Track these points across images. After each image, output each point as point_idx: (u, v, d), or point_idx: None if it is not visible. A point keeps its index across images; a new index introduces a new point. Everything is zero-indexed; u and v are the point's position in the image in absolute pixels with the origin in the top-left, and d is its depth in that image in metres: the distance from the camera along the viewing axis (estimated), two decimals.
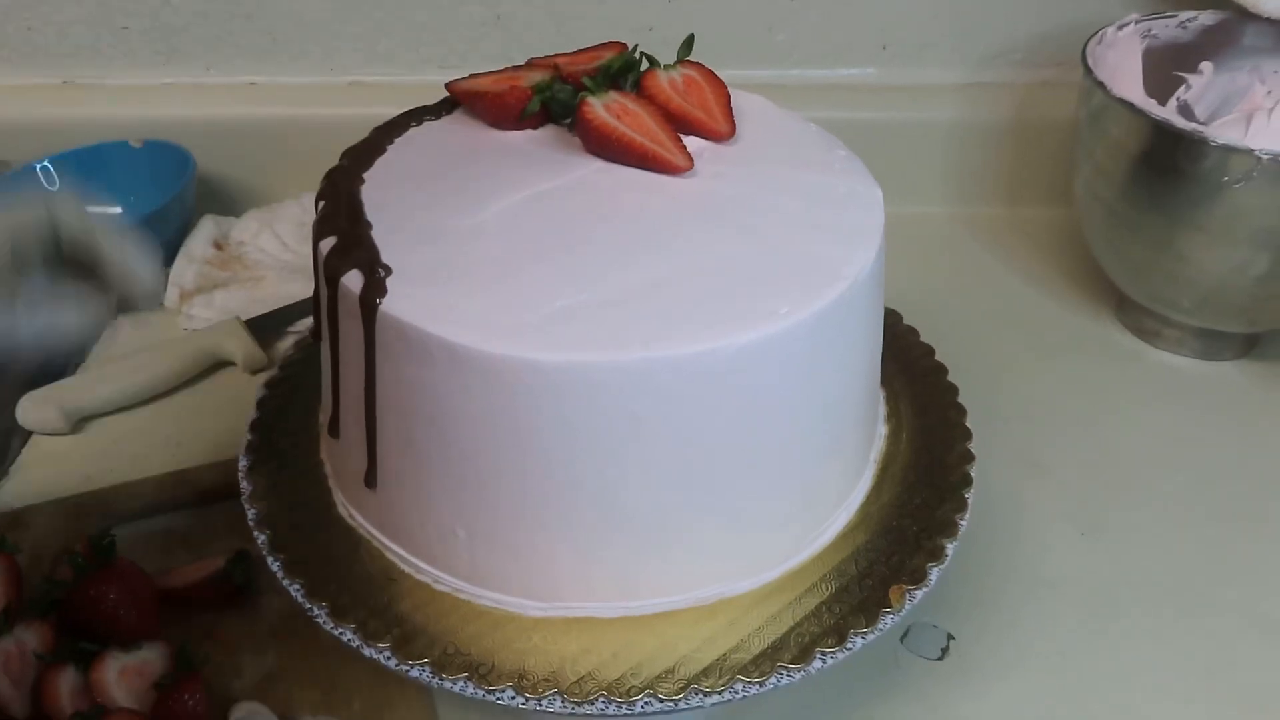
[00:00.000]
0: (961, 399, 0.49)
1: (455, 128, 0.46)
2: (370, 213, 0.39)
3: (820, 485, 0.40)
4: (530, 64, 0.46)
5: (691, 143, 0.43)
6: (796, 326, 0.35)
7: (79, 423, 0.60)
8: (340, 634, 0.37)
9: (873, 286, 0.39)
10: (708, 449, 0.36)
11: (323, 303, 0.39)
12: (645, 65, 0.45)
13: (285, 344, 0.66)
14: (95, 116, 0.76)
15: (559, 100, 0.44)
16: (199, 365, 0.64)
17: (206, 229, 0.72)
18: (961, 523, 0.42)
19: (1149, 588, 0.50)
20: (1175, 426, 0.60)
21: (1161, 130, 0.56)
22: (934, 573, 0.40)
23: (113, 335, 0.68)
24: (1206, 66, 0.66)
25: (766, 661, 0.36)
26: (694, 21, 0.74)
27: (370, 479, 0.39)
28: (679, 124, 0.43)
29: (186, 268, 0.69)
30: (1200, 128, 0.56)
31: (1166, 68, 0.67)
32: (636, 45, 0.45)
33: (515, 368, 0.33)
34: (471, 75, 0.45)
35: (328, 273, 0.37)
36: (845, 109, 0.76)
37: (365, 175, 0.42)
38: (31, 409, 0.59)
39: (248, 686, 0.45)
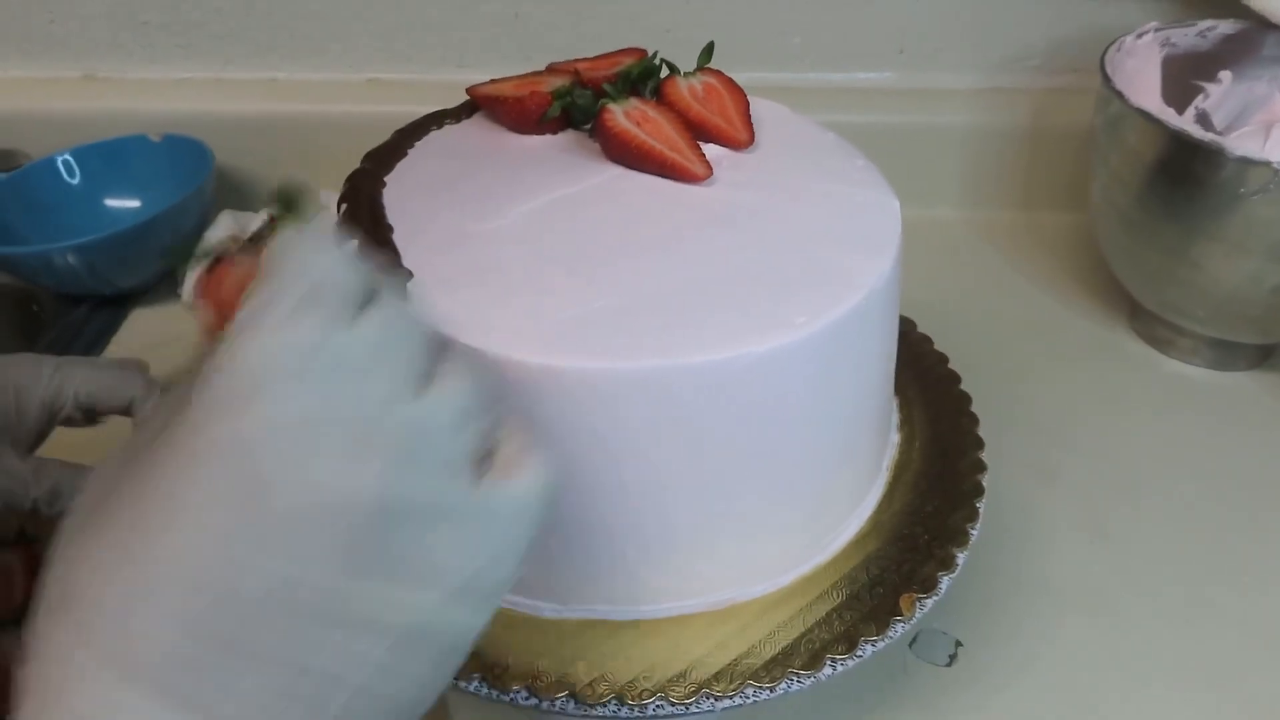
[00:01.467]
0: (972, 404, 0.49)
1: (475, 131, 0.46)
2: (392, 216, 0.39)
3: (833, 492, 0.41)
4: (550, 69, 0.46)
5: (710, 150, 0.43)
6: (813, 336, 0.35)
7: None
8: None
9: (889, 296, 0.39)
10: (722, 456, 0.36)
11: None
12: (665, 72, 0.45)
13: None
14: (115, 110, 0.76)
15: (579, 106, 0.44)
16: None
17: (225, 223, 0.72)
18: (973, 531, 0.42)
19: (1159, 596, 0.50)
20: (1187, 436, 0.60)
21: (1179, 140, 0.56)
22: (945, 581, 0.40)
23: (130, 329, 0.69)
24: (1225, 75, 0.66)
25: (777, 667, 0.36)
26: (711, 24, 0.75)
27: None
28: (698, 132, 0.43)
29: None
30: (1218, 138, 0.55)
31: (1185, 76, 0.67)
32: (656, 51, 0.45)
33: (533, 374, 0.33)
34: (492, 80, 0.46)
35: None
36: (860, 113, 0.76)
37: (386, 178, 0.42)
38: None
39: None
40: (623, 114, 0.41)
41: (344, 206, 0.41)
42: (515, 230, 0.39)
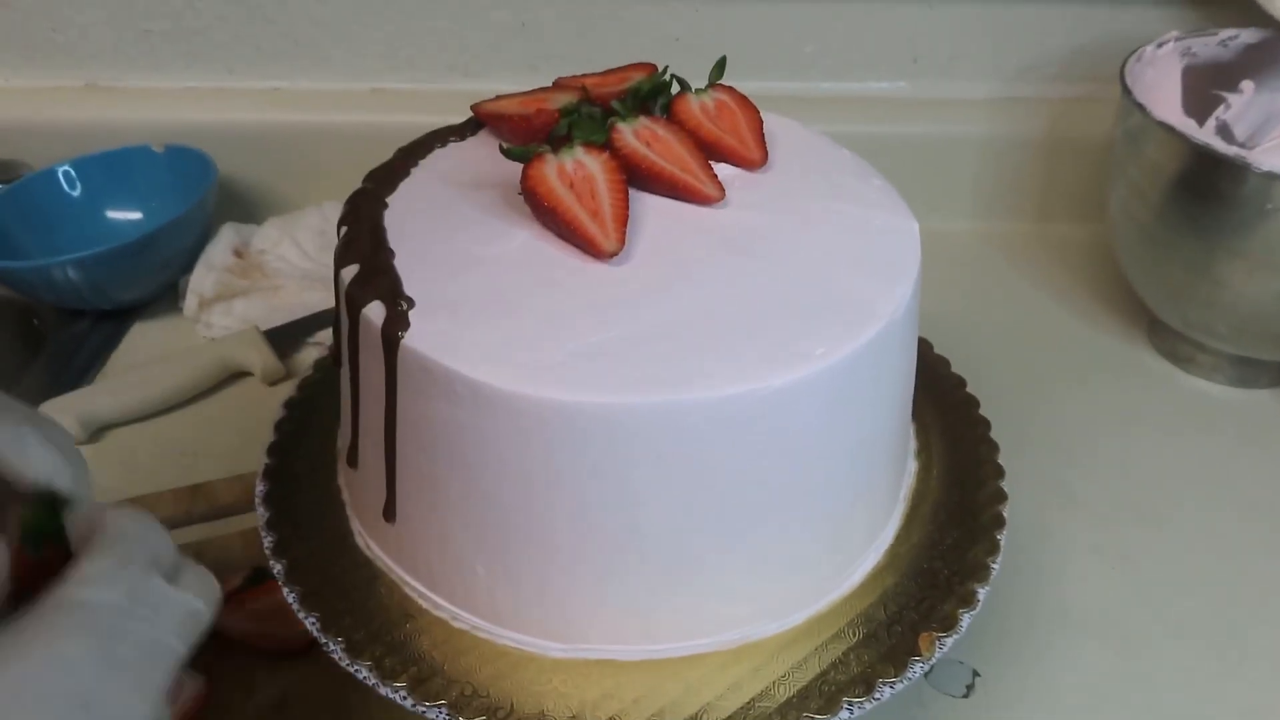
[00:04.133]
0: (991, 430, 0.48)
1: (480, 150, 0.44)
2: (393, 239, 0.38)
3: (849, 526, 0.39)
4: (557, 84, 0.45)
5: (722, 170, 0.41)
6: (831, 368, 0.34)
7: (96, 432, 0.60)
8: (356, 670, 0.37)
9: (908, 324, 0.38)
10: (735, 492, 0.35)
11: (343, 331, 0.38)
12: (675, 88, 0.44)
13: (304, 355, 0.66)
14: (117, 120, 0.75)
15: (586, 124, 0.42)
16: (217, 375, 0.63)
17: (227, 236, 0.71)
18: (994, 566, 0.41)
19: (1181, 623, 0.49)
20: (1208, 455, 0.59)
21: (1202, 154, 0.55)
22: (965, 619, 0.38)
23: (131, 343, 0.68)
24: (1247, 85, 0.65)
25: (792, 711, 0.35)
26: (721, 32, 0.74)
27: (389, 512, 0.38)
28: (710, 151, 0.42)
29: (206, 275, 0.69)
30: (1243, 153, 0.54)
31: (1206, 86, 0.65)
32: (666, 67, 0.44)
33: (541, 408, 0.32)
34: (497, 96, 0.44)
35: (349, 303, 0.36)
36: (874, 122, 0.74)
37: (388, 199, 0.41)
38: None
39: (260, 707, 0.44)
40: (632, 133, 0.40)
41: (344, 229, 0.40)
42: (521, 255, 0.38)
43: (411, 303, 0.35)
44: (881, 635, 0.38)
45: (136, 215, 0.74)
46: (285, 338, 0.65)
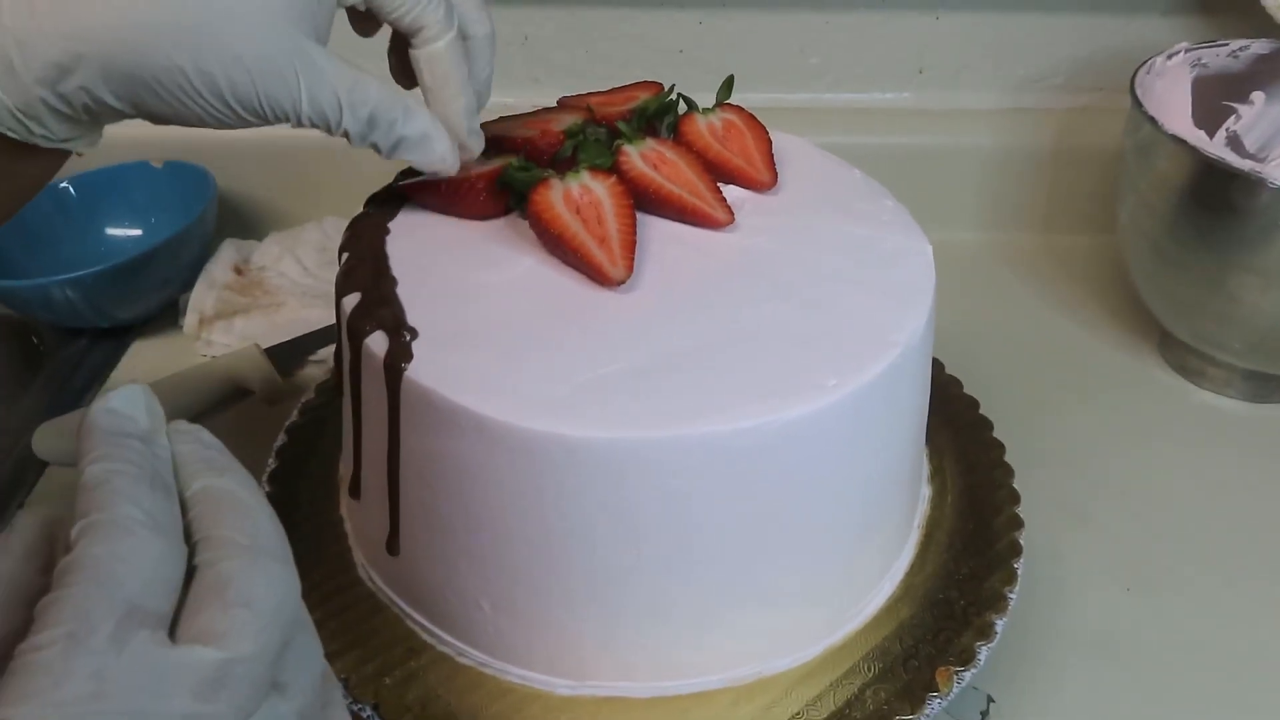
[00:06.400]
0: (1006, 454, 0.47)
1: None
2: (396, 267, 0.37)
3: (862, 557, 0.38)
4: (562, 104, 0.44)
5: (731, 192, 0.41)
6: (845, 399, 0.33)
7: None
8: (359, 709, 0.36)
9: (923, 350, 0.37)
10: (745, 526, 0.34)
11: (345, 361, 0.37)
12: (682, 107, 0.43)
13: (305, 372, 0.65)
14: (116, 135, 0.73)
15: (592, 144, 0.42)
16: (218, 393, 0.62)
17: (227, 253, 0.70)
18: (1011, 596, 0.40)
19: (1199, 646, 0.48)
20: (1223, 472, 0.58)
21: (1214, 168, 0.54)
22: (983, 652, 0.38)
23: (131, 362, 0.67)
24: (1258, 96, 0.64)
25: None
26: (724, 44, 0.73)
27: (392, 546, 0.37)
28: (718, 173, 0.41)
29: (206, 293, 0.68)
30: (1257, 167, 0.53)
31: (1216, 97, 0.65)
32: (673, 86, 0.43)
33: (547, 443, 0.31)
34: (500, 118, 0.44)
35: (351, 333, 0.35)
36: (880, 134, 0.74)
37: (390, 225, 0.40)
38: (48, 439, 0.58)
39: None
40: (639, 156, 0.39)
41: (345, 256, 0.39)
42: (526, 282, 0.37)
43: (414, 333, 0.34)
44: (898, 670, 0.37)
45: (136, 232, 0.73)
46: (287, 355, 0.64)
